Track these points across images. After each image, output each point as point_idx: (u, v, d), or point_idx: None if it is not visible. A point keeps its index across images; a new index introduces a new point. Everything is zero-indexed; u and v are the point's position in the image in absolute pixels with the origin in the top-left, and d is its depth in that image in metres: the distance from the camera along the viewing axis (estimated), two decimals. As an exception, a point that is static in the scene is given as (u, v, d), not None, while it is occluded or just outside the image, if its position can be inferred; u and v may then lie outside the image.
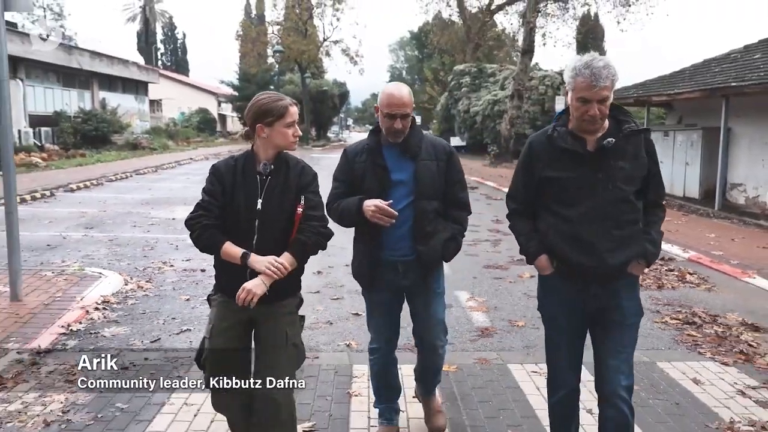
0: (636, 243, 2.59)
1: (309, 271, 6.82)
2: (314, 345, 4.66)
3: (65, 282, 6.06)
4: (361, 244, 3.06)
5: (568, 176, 2.57)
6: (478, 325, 5.16)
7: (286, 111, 2.63)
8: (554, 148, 2.60)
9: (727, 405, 3.73)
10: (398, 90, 2.91)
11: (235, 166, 2.67)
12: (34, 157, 20.59)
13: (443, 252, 2.99)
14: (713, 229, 10.35)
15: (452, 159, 3.05)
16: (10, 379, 3.85)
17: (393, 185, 2.94)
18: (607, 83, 2.44)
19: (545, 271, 2.69)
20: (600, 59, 2.48)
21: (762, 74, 12.22)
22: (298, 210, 2.62)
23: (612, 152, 2.53)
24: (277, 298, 2.63)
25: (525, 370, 4.23)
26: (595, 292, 2.60)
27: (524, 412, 3.60)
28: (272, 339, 2.67)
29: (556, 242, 2.61)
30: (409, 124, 2.95)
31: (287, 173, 2.67)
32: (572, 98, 2.52)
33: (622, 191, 2.54)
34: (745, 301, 6.03)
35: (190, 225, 2.64)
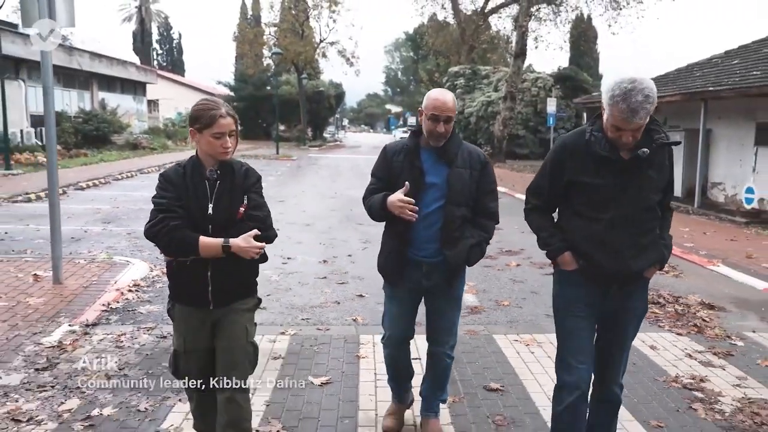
0: (655, 248, 2.67)
1: (315, 260, 7.54)
2: (325, 320, 5.33)
3: (98, 268, 6.73)
4: (390, 240, 3.15)
5: (601, 182, 2.57)
6: (468, 304, 5.85)
7: (214, 121, 2.57)
8: (590, 152, 2.58)
9: (676, 365, 4.44)
10: (443, 95, 3.03)
11: (184, 173, 2.67)
12: (39, 156, 21.15)
13: (468, 257, 3.07)
14: (689, 225, 11.11)
15: (486, 169, 3.13)
16: (69, 344, 4.52)
17: (426, 188, 3.03)
18: (644, 117, 2.41)
19: (569, 267, 2.71)
20: (639, 90, 2.37)
21: (737, 79, 12.98)
22: (240, 209, 2.64)
23: (644, 162, 2.55)
24: (238, 297, 2.72)
25: (508, 339, 4.92)
26: (614, 292, 2.67)
27: (505, 370, 4.30)
28: (234, 335, 2.71)
29: (582, 244, 2.64)
30: (451, 129, 3.04)
31: (233, 177, 2.68)
32: (607, 120, 2.49)
33: (650, 199, 2.59)
34: (707, 286, 6.75)
35: (154, 233, 2.57)
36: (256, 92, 46.19)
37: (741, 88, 12.14)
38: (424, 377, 3.35)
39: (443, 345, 3.21)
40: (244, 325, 2.72)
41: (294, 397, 3.80)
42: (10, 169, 17.31)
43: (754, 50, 15.21)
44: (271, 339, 4.76)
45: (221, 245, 2.55)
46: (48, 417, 3.44)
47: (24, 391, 3.75)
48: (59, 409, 3.53)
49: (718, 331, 5.15)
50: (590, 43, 47.09)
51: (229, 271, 2.63)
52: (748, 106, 13.31)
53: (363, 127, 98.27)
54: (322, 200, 13.92)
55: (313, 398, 3.79)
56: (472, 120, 31.37)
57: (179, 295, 2.71)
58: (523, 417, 3.59)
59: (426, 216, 3.02)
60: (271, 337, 4.80)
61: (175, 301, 2.73)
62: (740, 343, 4.91)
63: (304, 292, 6.18)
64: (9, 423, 3.35)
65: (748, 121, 13.47)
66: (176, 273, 2.68)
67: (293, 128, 47.59)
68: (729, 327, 5.30)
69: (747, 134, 13.53)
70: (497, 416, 3.59)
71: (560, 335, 2.80)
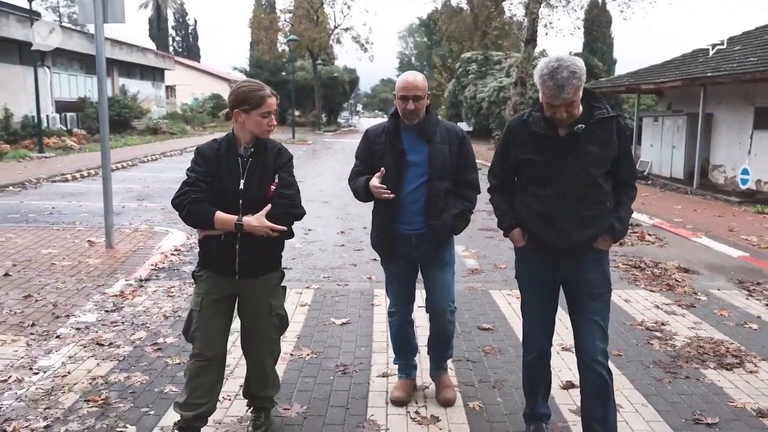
0: (602, 222, 2.74)
1: (333, 231, 8.34)
2: (343, 278, 6.14)
3: (142, 236, 7.60)
4: (379, 218, 3.33)
5: (540, 159, 2.72)
6: (469, 267, 6.63)
7: (263, 101, 2.75)
8: (529, 132, 2.74)
9: (643, 313, 5.19)
10: (412, 76, 3.22)
11: (219, 149, 2.81)
12: (67, 140, 22.12)
13: (453, 225, 3.24)
14: (682, 203, 11.78)
15: (464, 143, 3.29)
16: (129, 294, 5.37)
17: (408, 165, 3.19)
18: (571, 92, 2.54)
19: (518, 243, 2.89)
20: (565, 67, 2.53)
21: (735, 65, 13.50)
22: (272, 188, 2.78)
23: (583, 137, 2.65)
24: (261, 272, 2.86)
25: (501, 294, 5.70)
26: (563, 264, 2.78)
27: (496, 315, 5.08)
28: (257, 310, 2.89)
29: (528, 219, 2.80)
30: (422, 107, 3.19)
31: (266, 155, 2.82)
32: (542, 98, 2.66)
33: (591, 174, 2.67)
34: (687, 254, 7.47)
35: (178, 203, 2.74)
36: (272, 78, 46.85)
37: (736, 74, 12.68)
38: (429, 339, 3.56)
39: (443, 306, 3.37)
40: (268, 301, 2.89)
41: (319, 332, 4.62)
42: (43, 152, 18.28)
43: (756, 37, 15.64)
44: (297, 292, 5.58)
45: (234, 222, 2.69)
46: (123, 343, 4.29)
47: (101, 326, 4.60)
48: (131, 338, 4.38)
49: (687, 289, 5.89)
50: (603, 28, 47.08)
51: (256, 245, 2.76)
52: (747, 91, 13.83)
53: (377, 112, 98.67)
54: (338, 181, 14.69)
55: (335, 333, 4.61)
56: (484, 105, 31.90)
57: (208, 262, 2.85)
58: (507, 347, 4.37)
59: (410, 192, 3.20)
60: (298, 290, 5.62)
61: (204, 268, 2.87)
62: (704, 298, 5.64)
63: (325, 257, 7.00)
64: (95, 346, 4.20)
65: (747, 106, 14.00)
66: (207, 243, 2.81)
67: (308, 113, 48.33)
68: (698, 286, 6.03)
69: (746, 118, 14.06)
70: (486, 347, 4.38)
71: (521, 309, 3.01)
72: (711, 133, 15.36)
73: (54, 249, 6.82)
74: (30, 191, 11.63)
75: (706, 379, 3.87)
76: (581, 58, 2.68)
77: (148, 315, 4.86)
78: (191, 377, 2.82)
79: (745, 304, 5.50)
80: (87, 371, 3.80)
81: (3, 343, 4.19)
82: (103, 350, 4.13)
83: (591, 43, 47.31)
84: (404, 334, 3.52)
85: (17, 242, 7.08)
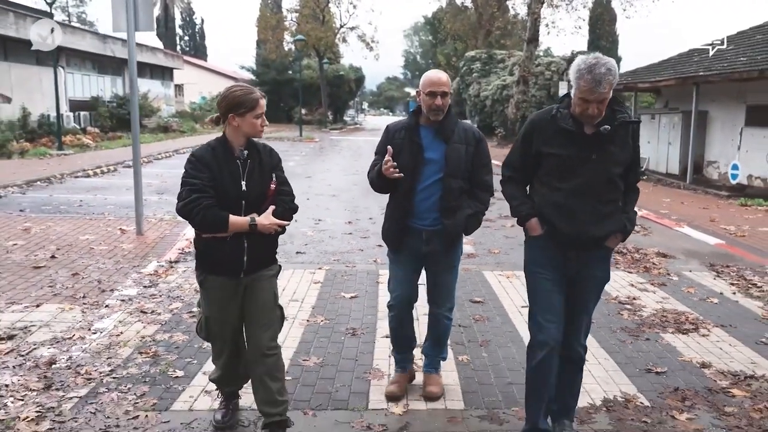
0: (615, 219, 2.87)
1: (342, 221, 9.01)
2: (351, 261, 6.81)
3: (167, 225, 8.31)
4: (392, 211, 3.43)
5: (565, 154, 2.80)
6: (465, 252, 7.25)
7: (257, 104, 2.84)
8: (556, 126, 2.82)
9: (618, 290, 5.83)
10: (437, 73, 3.32)
11: (215, 153, 2.87)
12: (83, 138, 22.88)
13: (466, 226, 3.32)
14: (671, 196, 12.41)
15: (481, 145, 3.38)
16: (162, 273, 6.06)
17: (425, 162, 3.27)
18: (606, 88, 2.65)
19: (535, 232, 2.94)
20: (602, 64, 2.65)
21: (726, 65, 14.08)
22: (272, 186, 2.93)
23: (606, 137, 2.77)
24: (264, 265, 3.00)
25: (493, 274, 6.36)
26: (574, 257, 2.88)
27: (487, 291, 5.75)
28: (264, 299, 2.99)
29: (545, 210, 2.88)
30: (447, 104, 3.27)
31: (260, 156, 2.94)
32: (575, 95, 2.73)
33: (611, 172, 2.80)
34: (668, 241, 8.10)
35: (188, 210, 2.75)
36: (278, 76, 47.62)
37: (726, 74, 13.27)
38: (426, 337, 3.67)
39: (442, 307, 3.49)
40: (273, 291, 3.03)
41: (331, 304, 5.29)
42: (62, 150, 19.03)
43: (749, 37, 16.18)
44: (311, 272, 6.26)
45: (248, 223, 2.80)
46: (163, 311, 4.97)
47: (141, 298, 5.29)
48: (169, 307, 5.07)
49: (662, 271, 6.53)
50: (606, 26, 47.54)
51: (261, 242, 2.91)
52: (740, 90, 14.39)
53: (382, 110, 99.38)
54: (345, 176, 15.38)
55: (345, 305, 5.28)
56: (487, 103, 32.52)
57: (213, 266, 2.91)
58: (494, 316, 5.04)
59: (425, 188, 3.28)
60: (311, 271, 6.29)
61: (208, 273, 2.93)
62: (675, 278, 6.28)
63: (334, 243, 7.68)
64: (139, 313, 4.89)
65: (740, 104, 14.55)
66: (212, 245, 2.86)
67: (314, 112, 49.03)
68: (672, 269, 6.67)
69: (738, 116, 14.61)
70: (476, 315, 5.05)
71: (531, 296, 3.02)
72: (705, 130, 15.90)
73: (90, 236, 7.53)
74: (56, 186, 12.35)
75: (663, 341, 4.53)
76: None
77: (181, 290, 5.55)
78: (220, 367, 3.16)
79: (712, 283, 6.14)
80: (136, 332, 4.49)
81: (62, 311, 4.88)
82: (146, 316, 4.82)
83: (595, 40, 47.81)
84: (403, 327, 3.57)
85: (57, 230, 7.79)
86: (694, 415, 3.40)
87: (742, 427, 3.25)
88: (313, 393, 3.60)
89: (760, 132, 13.65)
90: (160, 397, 3.50)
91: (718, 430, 3.24)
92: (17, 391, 3.50)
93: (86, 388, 3.58)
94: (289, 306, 5.13)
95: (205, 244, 2.90)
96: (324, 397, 3.55)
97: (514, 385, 3.73)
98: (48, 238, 7.36)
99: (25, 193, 11.25)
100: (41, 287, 5.47)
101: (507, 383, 3.78)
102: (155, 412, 3.33)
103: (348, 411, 3.40)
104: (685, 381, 3.83)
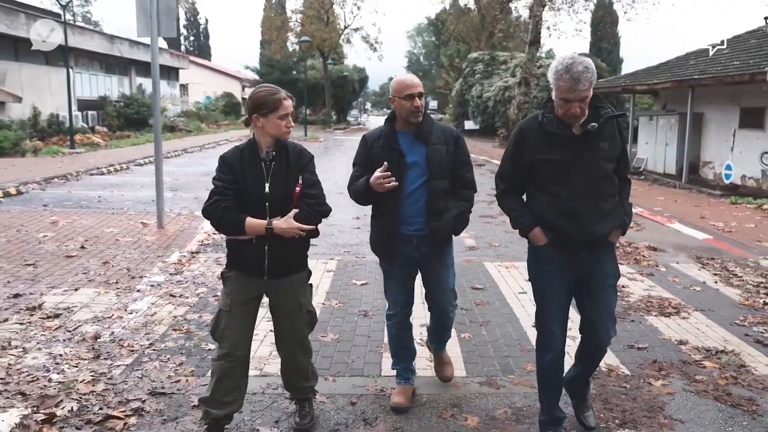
0: (616, 214, 2.89)
1: (350, 217, 9.48)
2: (360, 252, 7.27)
3: (185, 219, 8.79)
4: (379, 220, 3.38)
5: (558, 158, 2.80)
6: (467, 245, 7.75)
7: (280, 104, 2.81)
8: (544, 132, 2.82)
9: (609, 279, 6.28)
10: (408, 76, 3.30)
11: (242, 155, 2.88)
12: (93, 137, 23.37)
13: (454, 226, 3.29)
14: (665, 195, 12.87)
15: (459, 143, 3.35)
16: (185, 262, 6.53)
17: (408, 167, 3.24)
18: (586, 86, 2.64)
19: (540, 242, 2.90)
20: (579, 63, 2.65)
21: (719, 68, 14.52)
22: (296, 189, 2.86)
23: (594, 135, 2.78)
24: (288, 272, 2.94)
25: (493, 264, 6.81)
26: (583, 258, 2.88)
27: (487, 279, 6.20)
28: (288, 309, 2.99)
29: (550, 217, 2.85)
30: (424, 104, 3.26)
31: (287, 157, 2.89)
32: (556, 96, 2.75)
33: (605, 168, 2.82)
34: (659, 236, 8.55)
35: (209, 212, 2.81)
36: (283, 77, 48.06)
37: (719, 77, 13.72)
38: (429, 327, 3.76)
39: (444, 308, 3.50)
40: (298, 300, 2.99)
41: (344, 290, 5.75)
42: (74, 148, 19.52)
43: (744, 41, 16.60)
44: (323, 262, 6.72)
45: (265, 227, 2.78)
46: (190, 295, 5.44)
47: (169, 284, 5.76)
48: (196, 292, 5.53)
49: (651, 263, 6.98)
50: (608, 28, 47.92)
51: (284, 247, 2.84)
52: (734, 93, 14.83)
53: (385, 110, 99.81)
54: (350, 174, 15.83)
55: (356, 290, 5.74)
56: (489, 104, 32.97)
57: (237, 263, 2.92)
58: (493, 301, 5.50)
59: (411, 193, 3.25)
60: (324, 261, 6.76)
61: (233, 269, 2.95)
62: (663, 269, 6.73)
63: (344, 236, 8.15)
64: (169, 297, 5.36)
65: (734, 106, 14.99)
66: (236, 245, 2.89)
67: (318, 112, 49.53)
68: (661, 261, 7.12)
69: (733, 118, 15.04)
70: (477, 300, 5.50)
71: (537, 303, 3.02)
72: (701, 132, 16.34)
73: (114, 228, 8.01)
74: (73, 183, 12.84)
75: (647, 322, 4.98)
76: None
77: (204, 277, 6.02)
78: (220, 378, 2.90)
79: (696, 274, 6.58)
80: (168, 312, 4.96)
81: (99, 294, 5.35)
82: (176, 299, 5.29)
83: (597, 42, 48.21)
84: (403, 338, 3.53)
85: (82, 223, 8.27)
86: (668, 382, 3.85)
87: (708, 391, 3.70)
88: (332, 363, 4.07)
89: (752, 134, 14.10)
90: (196, 366, 3.96)
91: (688, 394, 3.69)
92: (71, 360, 3.97)
93: (130, 358, 4.04)
94: (305, 291, 5.60)
95: (230, 243, 2.94)
96: (342, 366, 4.01)
97: (510, 358, 4.20)
98: (75, 230, 7.84)
99: (45, 190, 11.74)
100: (76, 274, 5.94)
101: (504, 356, 4.24)
102: (194, 377, 3.79)
103: (363, 377, 3.87)
104: (663, 355, 4.29)
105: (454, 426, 3.29)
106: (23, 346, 4.16)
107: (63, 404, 3.35)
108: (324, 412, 3.41)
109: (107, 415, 3.25)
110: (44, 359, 3.96)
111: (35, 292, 5.35)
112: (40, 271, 6.01)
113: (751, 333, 4.75)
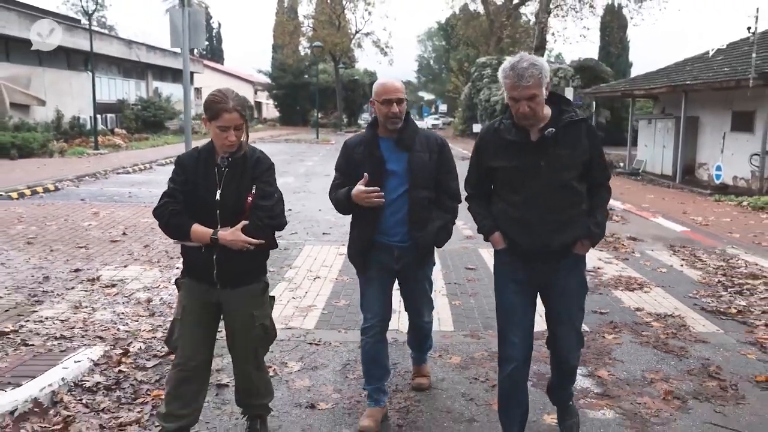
0: (577, 225, 2.75)
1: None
2: (369, 240, 8.14)
3: (211, 212, 9.71)
4: (357, 230, 3.25)
5: (513, 165, 2.72)
6: (464, 235, 8.61)
7: (219, 115, 2.60)
8: (500, 139, 2.75)
9: (586, 263, 7.10)
10: (390, 81, 3.15)
11: (198, 158, 2.75)
12: (114, 139, 24.45)
13: (436, 239, 3.20)
14: (655, 193, 13.67)
15: (443, 151, 3.24)
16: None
17: (388, 175, 3.11)
18: (531, 82, 2.55)
19: (497, 246, 2.86)
20: (525, 60, 2.60)
21: (711, 74, 15.30)
22: (248, 199, 2.68)
23: (553, 141, 2.67)
24: (243, 282, 2.77)
25: (487, 251, 7.64)
26: (539, 268, 2.80)
27: (480, 261, 7.07)
28: (240, 322, 2.81)
29: (505, 224, 2.81)
30: (404, 111, 3.11)
31: (244, 164, 2.72)
32: (506, 98, 2.67)
33: (564, 178, 2.69)
34: (641, 229, 9.37)
35: (158, 213, 2.71)
36: (295, 80, 49.19)
37: (709, 83, 14.49)
38: (409, 339, 3.75)
39: (421, 317, 3.51)
40: (250, 312, 2.80)
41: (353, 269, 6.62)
42: (98, 149, 20.58)
43: (737, 48, 17.33)
44: (336, 247, 7.60)
45: (210, 236, 2.63)
46: (222, 272, 6.34)
47: (203, 263, 6.66)
48: (227, 269, 6.43)
49: (628, 250, 7.81)
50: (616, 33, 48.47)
51: (235, 256, 2.67)
52: (727, 97, 15.58)
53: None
54: (361, 175, 16.74)
55: (365, 270, 6.61)
56: (497, 108, 33.73)
57: (189, 270, 2.83)
58: (483, 278, 6.36)
59: (392, 202, 3.11)
60: (336, 246, 7.65)
61: (186, 276, 2.84)
62: (638, 255, 7.57)
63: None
64: (205, 272, 6.26)
65: (726, 110, 15.74)
66: (186, 251, 2.79)
67: (330, 115, 50.53)
68: (638, 249, 7.94)
69: (725, 121, 15.79)
70: (469, 277, 6.38)
71: (498, 311, 2.93)
72: (697, 135, 17.09)
73: (149, 219, 8.93)
74: (102, 180, 13.85)
75: (612, 295, 5.83)
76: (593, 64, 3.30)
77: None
78: (173, 387, 2.77)
79: (667, 259, 7.41)
80: (206, 284, 5.86)
81: (145, 269, 6.29)
82: (211, 275, 6.20)
83: (606, 47, 48.79)
84: (377, 355, 3.32)
85: (120, 214, 9.24)
86: (618, 336, 4.70)
87: (650, 342, 4.56)
88: (344, 320, 4.96)
89: (743, 136, 14.84)
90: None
91: (633, 344, 4.55)
92: (132, 316, 4.89)
93: (179, 316, 4.95)
94: (321, 270, 6.49)
95: (183, 249, 2.82)
96: (352, 323, 4.90)
97: (491, 319, 4.96)
98: (115, 220, 8.80)
99: (78, 186, 12.75)
100: (122, 254, 6.87)
101: (486, 318, 5.11)
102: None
103: (369, 331, 4.74)
104: (620, 318, 5.14)
105: (441, 363, 4.17)
106: (92, 307, 5.08)
107: (133, 344, 4.27)
108: (338, 353, 4.30)
109: (168, 351, 4.15)
110: (110, 315, 4.88)
111: (92, 267, 6.28)
112: (92, 251, 6.95)
113: (699, 302, 5.59)
